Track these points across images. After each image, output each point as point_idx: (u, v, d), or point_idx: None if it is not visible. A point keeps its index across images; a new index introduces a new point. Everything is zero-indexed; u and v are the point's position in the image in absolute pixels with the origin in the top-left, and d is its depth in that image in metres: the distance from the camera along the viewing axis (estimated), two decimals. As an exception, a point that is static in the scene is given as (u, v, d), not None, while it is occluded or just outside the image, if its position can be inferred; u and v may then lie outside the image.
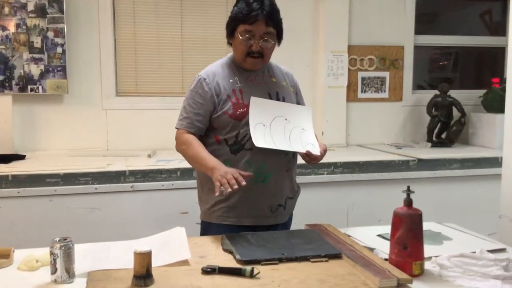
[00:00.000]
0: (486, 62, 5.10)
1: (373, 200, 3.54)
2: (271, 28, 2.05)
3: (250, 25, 2.02)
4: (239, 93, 2.09)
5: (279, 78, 2.23)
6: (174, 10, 4.10)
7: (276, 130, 2.06)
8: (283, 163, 2.13)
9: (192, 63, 4.12)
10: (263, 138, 2.01)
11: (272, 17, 2.04)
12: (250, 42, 2.05)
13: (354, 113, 4.45)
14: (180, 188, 3.25)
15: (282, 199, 2.16)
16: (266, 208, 2.11)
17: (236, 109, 2.06)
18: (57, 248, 1.47)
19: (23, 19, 3.69)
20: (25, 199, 3.08)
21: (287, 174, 2.17)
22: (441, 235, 2.02)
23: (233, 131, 2.06)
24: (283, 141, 2.05)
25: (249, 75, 2.14)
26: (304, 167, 3.35)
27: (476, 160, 3.79)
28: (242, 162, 2.05)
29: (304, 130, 2.14)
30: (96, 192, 3.13)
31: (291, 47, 4.17)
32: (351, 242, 1.82)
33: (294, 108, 2.18)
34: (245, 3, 2.04)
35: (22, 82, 3.72)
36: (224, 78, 2.11)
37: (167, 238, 1.80)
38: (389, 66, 4.50)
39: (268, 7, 2.03)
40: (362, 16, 4.38)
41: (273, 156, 2.06)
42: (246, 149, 2.05)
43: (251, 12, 2.01)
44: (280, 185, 2.13)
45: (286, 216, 2.22)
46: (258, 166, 2.06)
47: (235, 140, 2.06)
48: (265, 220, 2.12)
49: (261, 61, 2.11)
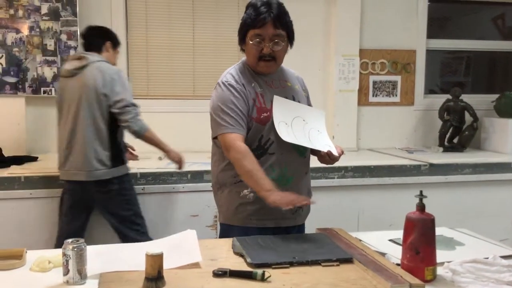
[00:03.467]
0: (498, 67, 5.07)
1: (384, 205, 3.53)
2: (280, 30, 2.06)
3: (259, 29, 2.03)
4: (261, 97, 2.10)
5: (293, 82, 2.25)
6: (186, 14, 4.12)
7: (297, 128, 2.09)
8: (302, 165, 2.17)
9: (203, 66, 4.13)
10: (287, 134, 2.03)
11: (280, 19, 2.05)
12: (261, 46, 2.05)
13: (365, 117, 4.44)
14: (191, 190, 3.26)
15: None
16: (288, 210, 2.05)
17: (260, 113, 2.07)
18: (70, 249, 1.48)
19: (37, 22, 3.72)
20: (38, 200, 3.11)
21: (306, 176, 2.21)
22: (453, 240, 2.00)
23: (256, 135, 2.06)
24: (305, 139, 2.08)
25: (266, 80, 2.15)
26: (314, 171, 3.34)
27: (489, 165, 3.76)
28: (265, 166, 2.04)
29: (320, 132, 2.16)
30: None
31: (302, 50, 4.16)
32: (363, 247, 1.81)
33: (310, 111, 2.22)
34: (253, 8, 2.06)
35: (35, 85, 3.75)
36: (245, 83, 2.11)
37: (178, 241, 1.81)
38: (401, 70, 4.48)
39: (275, 10, 2.04)
40: (374, 20, 4.37)
41: (293, 159, 2.11)
42: (269, 153, 2.07)
43: (258, 16, 2.02)
44: (300, 187, 2.15)
45: (304, 218, 2.25)
46: (281, 170, 2.08)
47: (258, 144, 2.07)
48: (287, 222, 2.14)
49: (274, 64, 2.12)
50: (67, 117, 2.94)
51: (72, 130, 2.92)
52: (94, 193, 2.94)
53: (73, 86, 2.94)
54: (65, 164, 2.95)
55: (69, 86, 2.96)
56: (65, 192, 3.03)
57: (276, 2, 2.07)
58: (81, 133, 2.90)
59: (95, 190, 2.93)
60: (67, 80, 2.98)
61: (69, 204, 3.00)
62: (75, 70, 2.95)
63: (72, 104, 2.93)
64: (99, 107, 2.91)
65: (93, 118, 2.90)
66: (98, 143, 2.91)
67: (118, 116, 2.91)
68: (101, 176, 2.91)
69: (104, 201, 2.98)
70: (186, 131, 3.85)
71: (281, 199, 1.87)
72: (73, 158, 2.92)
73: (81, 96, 2.90)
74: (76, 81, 2.94)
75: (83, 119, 2.90)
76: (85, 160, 2.89)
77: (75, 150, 2.91)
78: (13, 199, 3.07)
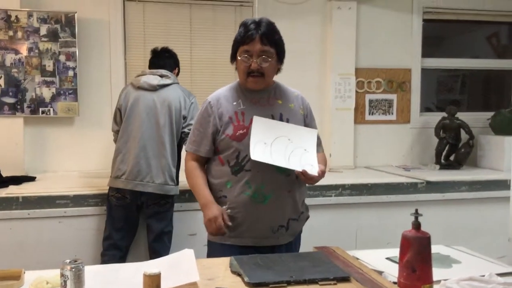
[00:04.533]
0: (493, 85, 5.12)
1: (382, 223, 3.53)
2: (267, 47, 2.11)
3: (247, 45, 2.11)
4: (240, 115, 2.15)
5: (287, 100, 2.26)
6: (183, 33, 4.17)
7: (277, 148, 2.10)
8: (284, 184, 2.15)
9: (200, 85, 4.16)
10: (261, 153, 2.06)
11: (268, 36, 2.11)
12: (249, 62, 2.12)
13: (362, 135, 4.47)
14: (189, 209, 3.26)
15: (284, 220, 2.18)
16: (267, 228, 2.15)
17: (236, 131, 2.12)
18: (68, 269, 1.48)
19: (36, 43, 3.76)
20: (35, 221, 3.10)
21: (289, 195, 2.18)
22: (450, 258, 2.01)
23: (234, 152, 2.12)
24: (282, 159, 2.09)
25: (253, 98, 2.19)
26: (312, 189, 3.36)
27: (485, 183, 3.78)
28: (241, 183, 2.11)
29: (306, 151, 2.16)
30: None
31: (299, 69, 4.21)
32: (360, 265, 1.81)
33: (298, 130, 2.20)
34: (243, 26, 2.14)
35: (33, 105, 3.77)
36: (228, 100, 2.19)
37: (176, 260, 1.81)
38: (397, 89, 4.52)
39: (264, 27, 2.11)
40: (369, 39, 4.43)
41: (272, 177, 2.11)
42: (246, 170, 2.11)
43: (247, 33, 2.10)
44: (281, 206, 2.16)
45: (289, 237, 2.23)
46: (257, 187, 2.11)
47: (236, 161, 2.13)
48: (266, 241, 2.15)
49: (263, 80, 2.16)
50: (144, 128, 3.03)
51: (150, 142, 3.01)
52: (152, 204, 3.03)
53: (154, 101, 3.07)
54: (132, 174, 2.99)
55: (149, 99, 3.07)
56: (120, 205, 3.04)
57: (266, 21, 2.15)
58: (161, 147, 3.02)
59: (154, 202, 3.03)
60: (146, 93, 3.09)
61: (125, 218, 3.06)
62: (158, 85, 3.10)
63: (152, 117, 3.05)
64: (177, 127, 3.09)
65: (172, 136, 3.07)
66: (171, 160, 3.06)
67: (186, 136, 3.03)
68: (168, 191, 3.05)
69: (159, 212, 3.07)
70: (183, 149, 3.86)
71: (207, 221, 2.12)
72: (146, 169, 3.00)
73: (165, 112, 3.05)
74: (157, 96, 3.08)
75: (164, 135, 3.04)
76: (160, 174, 3.01)
77: (150, 162, 3.00)
78: (11, 219, 3.07)
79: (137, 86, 3.12)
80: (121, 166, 3.03)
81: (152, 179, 3.00)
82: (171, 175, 3.06)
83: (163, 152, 3.03)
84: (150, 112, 3.05)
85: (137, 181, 2.99)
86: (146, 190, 2.99)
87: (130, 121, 3.07)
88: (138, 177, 2.99)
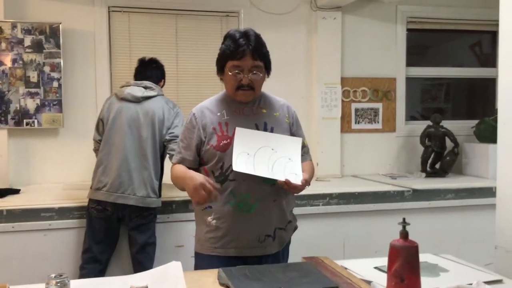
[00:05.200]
0: (477, 93, 5.17)
1: (369, 231, 3.54)
2: (258, 62, 2.12)
3: (238, 61, 2.09)
4: (224, 125, 2.15)
5: (272, 109, 2.26)
6: (169, 44, 4.16)
7: (260, 159, 2.09)
8: (269, 193, 2.14)
9: (187, 95, 4.16)
10: (244, 164, 2.05)
11: (258, 51, 2.11)
12: (239, 77, 2.11)
13: (349, 144, 4.49)
14: (176, 221, 3.25)
15: (270, 230, 2.17)
16: (253, 238, 2.14)
17: (220, 141, 2.12)
18: (53, 284, 1.46)
19: (20, 54, 3.73)
20: (20, 234, 3.06)
21: (275, 204, 2.17)
22: (438, 267, 2.01)
23: (218, 162, 2.12)
24: (265, 169, 2.08)
25: (237, 108, 2.20)
26: (300, 198, 3.36)
27: (471, 190, 3.81)
28: (226, 193, 2.11)
29: (290, 160, 2.15)
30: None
31: (285, 79, 4.22)
32: (348, 275, 1.81)
33: (282, 139, 2.19)
34: (231, 40, 2.11)
35: (17, 116, 3.74)
36: (212, 112, 2.19)
37: (163, 273, 1.79)
38: (382, 98, 4.56)
39: (254, 42, 2.09)
40: (355, 49, 4.46)
41: (257, 186, 2.10)
42: (230, 180, 2.10)
43: (238, 48, 2.07)
44: (267, 216, 2.15)
45: (277, 247, 2.21)
46: (242, 197, 2.10)
47: (220, 171, 2.12)
48: (253, 251, 2.14)
49: (252, 93, 2.17)
50: (126, 140, 3.00)
51: (132, 154, 2.99)
52: (135, 217, 3.00)
53: (138, 112, 3.06)
54: (113, 186, 2.96)
55: (132, 110, 3.06)
56: (99, 217, 3.00)
57: (253, 33, 2.13)
58: (143, 159, 3.01)
59: (137, 215, 3.00)
60: (129, 104, 3.07)
61: (104, 231, 3.02)
62: (142, 97, 3.08)
63: (135, 129, 3.03)
64: (160, 139, 3.07)
65: (154, 148, 3.05)
66: (154, 172, 3.04)
67: (167, 143, 3.07)
68: (150, 204, 3.02)
69: (141, 225, 3.04)
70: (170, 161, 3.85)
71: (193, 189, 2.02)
72: (128, 182, 2.97)
73: (148, 124, 3.04)
74: (141, 108, 3.06)
75: (147, 147, 3.02)
76: (142, 187, 2.99)
77: (132, 174, 2.98)
78: (-5, 232, 3.03)
79: (120, 97, 3.10)
80: (102, 178, 3.00)
81: (134, 191, 2.97)
82: (153, 187, 3.04)
83: (145, 165, 3.01)
84: (133, 124, 3.03)
85: (119, 194, 2.96)
86: (127, 202, 2.96)
87: (112, 132, 3.05)
88: (120, 190, 2.96)
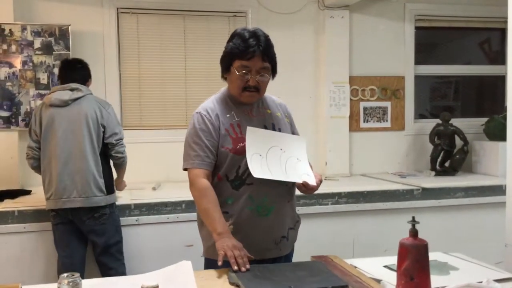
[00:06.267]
0: (486, 91, 5.15)
1: (379, 230, 3.53)
2: (266, 63, 2.06)
3: (247, 61, 2.03)
4: (237, 127, 2.09)
5: (273, 109, 2.23)
6: (178, 44, 4.18)
7: (272, 160, 2.06)
8: (284, 194, 2.12)
9: (196, 95, 4.17)
10: (260, 168, 2.00)
11: (268, 52, 2.05)
12: (247, 77, 2.04)
13: (357, 142, 4.48)
14: (185, 220, 3.25)
15: (285, 231, 2.15)
16: (270, 241, 2.10)
17: (236, 144, 2.05)
18: (65, 284, 1.48)
19: (30, 56, 3.76)
20: (32, 234, 3.09)
21: (289, 205, 2.16)
22: (447, 265, 2.01)
23: (233, 166, 2.05)
24: (280, 171, 2.05)
25: (245, 109, 2.14)
26: (309, 197, 3.36)
27: (480, 188, 3.79)
28: (244, 198, 2.04)
29: (299, 160, 2.13)
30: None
31: (294, 78, 4.23)
32: (358, 274, 1.81)
33: (288, 138, 2.18)
34: (241, 39, 2.04)
35: (28, 118, 3.76)
36: (221, 113, 2.10)
37: (173, 272, 1.80)
38: (391, 96, 4.55)
39: (264, 43, 2.03)
40: (363, 48, 4.46)
41: (274, 188, 2.06)
42: (248, 184, 2.04)
43: (248, 48, 2.01)
44: (282, 217, 2.12)
45: (290, 247, 2.20)
46: (260, 200, 2.05)
47: (236, 175, 2.05)
48: (269, 253, 2.10)
49: (257, 95, 2.11)
50: (62, 144, 2.97)
51: (71, 158, 2.96)
52: (87, 220, 2.97)
53: (69, 115, 3.00)
54: (58, 192, 2.94)
55: (63, 115, 3.01)
56: (58, 223, 3.00)
57: (263, 34, 2.07)
58: (83, 160, 2.97)
59: (88, 217, 2.97)
60: (59, 109, 3.01)
61: (67, 234, 3.00)
62: (70, 100, 3.02)
63: (70, 133, 2.99)
64: (97, 137, 3.02)
65: (92, 147, 3.01)
66: (96, 171, 3.00)
67: (113, 147, 3.05)
68: (98, 202, 2.97)
69: (95, 227, 3.00)
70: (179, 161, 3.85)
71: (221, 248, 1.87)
72: (71, 185, 2.94)
73: (82, 124, 2.99)
74: (71, 111, 3.01)
75: (85, 147, 2.98)
76: (86, 187, 2.95)
77: (74, 177, 2.95)
78: (7, 233, 3.05)
79: (49, 104, 3.06)
80: (48, 187, 2.99)
81: (79, 193, 2.94)
82: (99, 186, 2.99)
83: (86, 165, 2.97)
84: (66, 128, 3.00)
85: (64, 199, 2.94)
86: (75, 205, 2.93)
87: (48, 140, 3.02)
88: (65, 195, 2.94)
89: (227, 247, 1.87)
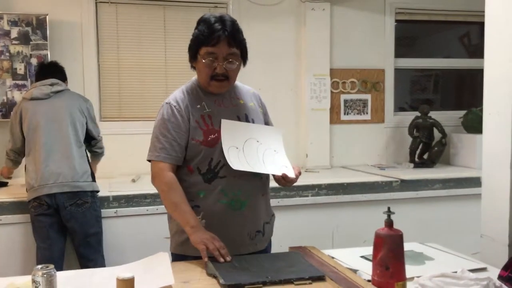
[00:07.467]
0: (465, 84, 5.20)
1: (358, 221, 3.56)
2: (234, 49, 1.97)
3: (213, 47, 1.95)
4: (208, 118, 2.00)
5: (247, 99, 2.14)
6: (158, 35, 4.14)
7: (249, 152, 2.00)
8: (258, 187, 2.06)
9: (176, 87, 4.04)
10: (238, 161, 1.95)
11: (235, 37, 1.97)
12: (214, 65, 1.97)
13: (338, 135, 4.50)
14: (165, 212, 3.18)
15: (260, 225, 2.09)
16: (245, 236, 2.03)
17: (207, 136, 1.97)
18: (39, 275, 1.46)
19: (6, 46, 3.69)
20: (7, 226, 3.06)
21: (263, 198, 2.10)
22: (423, 255, 2.03)
23: (205, 159, 1.97)
24: (258, 164, 2.00)
25: (216, 99, 2.05)
26: (289, 189, 3.37)
27: (458, 180, 3.84)
28: (216, 191, 1.98)
29: (276, 152, 2.09)
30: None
31: (274, 70, 4.22)
32: (335, 264, 1.83)
33: (264, 130, 2.12)
34: (206, 24, 1.98)
35: (4, 109, 3.71)
36: (191, 104, 2.02)
37: (150, 264, 1.79)
38: (371, 89, 4.57)
39: (230, 27, 1.95)
40: (343, 40, 4.47)
41: (247, 182, 2.00)
42: (220, 177, 1.97)
43: (212, 33, 1.93)
44: (257, 211, 2.06)
45: (266, 242, 2.15)
46: (234, 194, 1.98)
47: (208, 168, 1.98)
48: (245, 248, 2.02)
49: (227, 84, 2.03)
50: (46, 134, 3.02)
51: (55, 146, 3.01)
52: (69, 206, 2.96)
53: (51, 106, 3.08)
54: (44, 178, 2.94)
55: (46, 106, 3.08)
56: (38, 214, 2.96)
57: (229, 19, 2.00)
58: (68, 147, 3.04)
59: (70, 204, 2.96)
60: (41, 101, 3.09)
61: (48, 226, 2.97)
62: (52, 93, 3.12)
63: (53, 122, 3.05)
64: (81, 126, 3.14)
65: (76, 134, 3.10)
66: (80, 158, 3.08)
67: (97, 143, 3.28)
68: (85, 187, 3.01)
69: (77, 214, 2.98)
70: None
71: (200, 242, 1.83)
72: (57, 171, 2.97)
73: (64, 113, 3.08)
74: (53, 102, 3.10)
75: (69, 135, 3.06)
76: (73, 172, 2.99)
77: (60, 164, 2.99)
78: (-18, 225, 3.01)
79: (29, 98, 3.09)
80: (33, 174, 2.99)
81: (66, 178, 2.97)
82: (84, 171, 3.05)
83: (71, 152, 3.03)
84: (49, 118, 3.05)
85: (51, 184, 2.94)
86: (62, 190, 2.94)
87: (31, 132, 3.05)
88: (51, 180, 2.95)
89: (206, 240, 1.83)
